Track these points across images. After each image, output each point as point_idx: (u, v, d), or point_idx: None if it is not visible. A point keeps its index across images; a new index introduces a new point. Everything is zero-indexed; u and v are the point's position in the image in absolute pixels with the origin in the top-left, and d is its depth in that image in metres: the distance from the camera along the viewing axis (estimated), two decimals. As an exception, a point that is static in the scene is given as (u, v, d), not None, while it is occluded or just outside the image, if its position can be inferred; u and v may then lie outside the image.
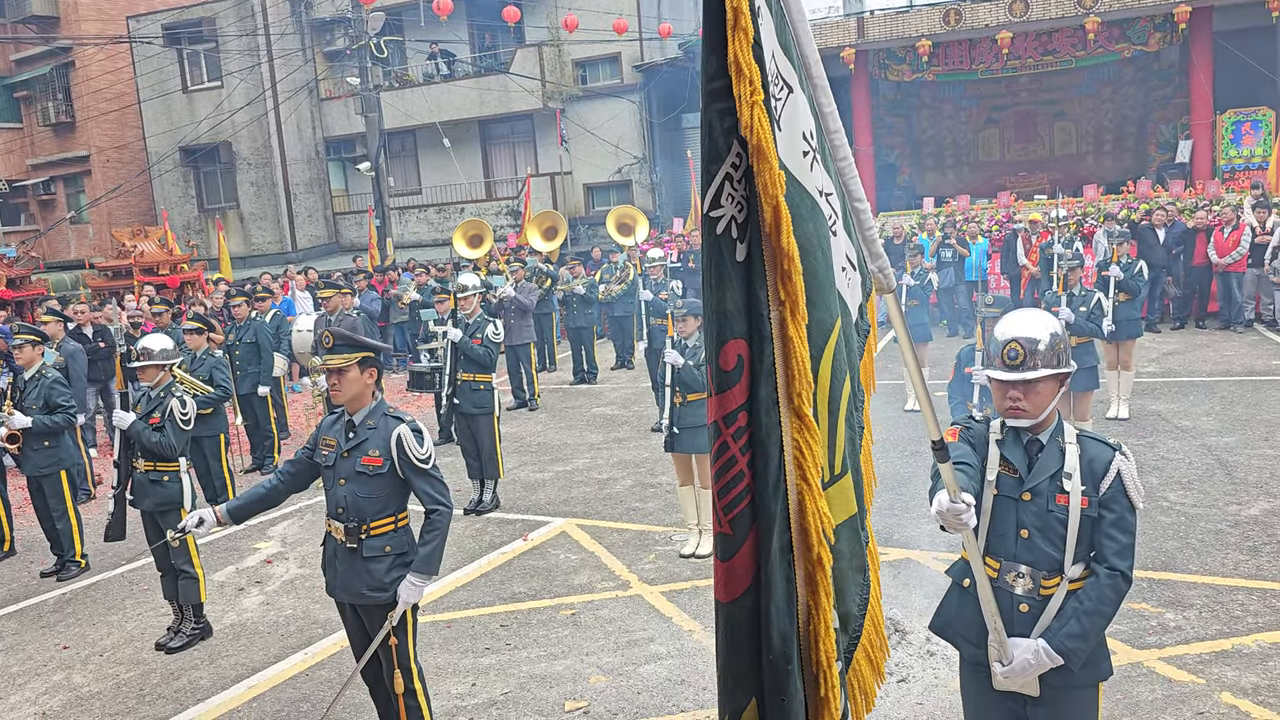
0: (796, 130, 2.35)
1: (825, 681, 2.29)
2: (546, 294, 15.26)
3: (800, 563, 2.26)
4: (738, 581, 2.26)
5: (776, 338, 2.19)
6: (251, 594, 7.27)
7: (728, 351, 2.19)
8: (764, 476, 2.19)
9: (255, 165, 27.05)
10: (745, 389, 2.20)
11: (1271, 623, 5.45)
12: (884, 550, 6.95)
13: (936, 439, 2.63)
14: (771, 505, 2.20)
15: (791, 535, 2.24)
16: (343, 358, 4.36)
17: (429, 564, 4.37)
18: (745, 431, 2.20)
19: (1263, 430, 9.21)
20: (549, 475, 9.78)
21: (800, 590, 2.27)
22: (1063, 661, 2.94)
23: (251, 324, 10.97)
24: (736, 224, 2.19)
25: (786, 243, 2.14)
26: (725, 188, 2.17)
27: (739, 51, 2.03)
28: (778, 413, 2.20)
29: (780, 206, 2.12)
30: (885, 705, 4.87)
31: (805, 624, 2.29)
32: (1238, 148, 17.83)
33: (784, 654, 2.22)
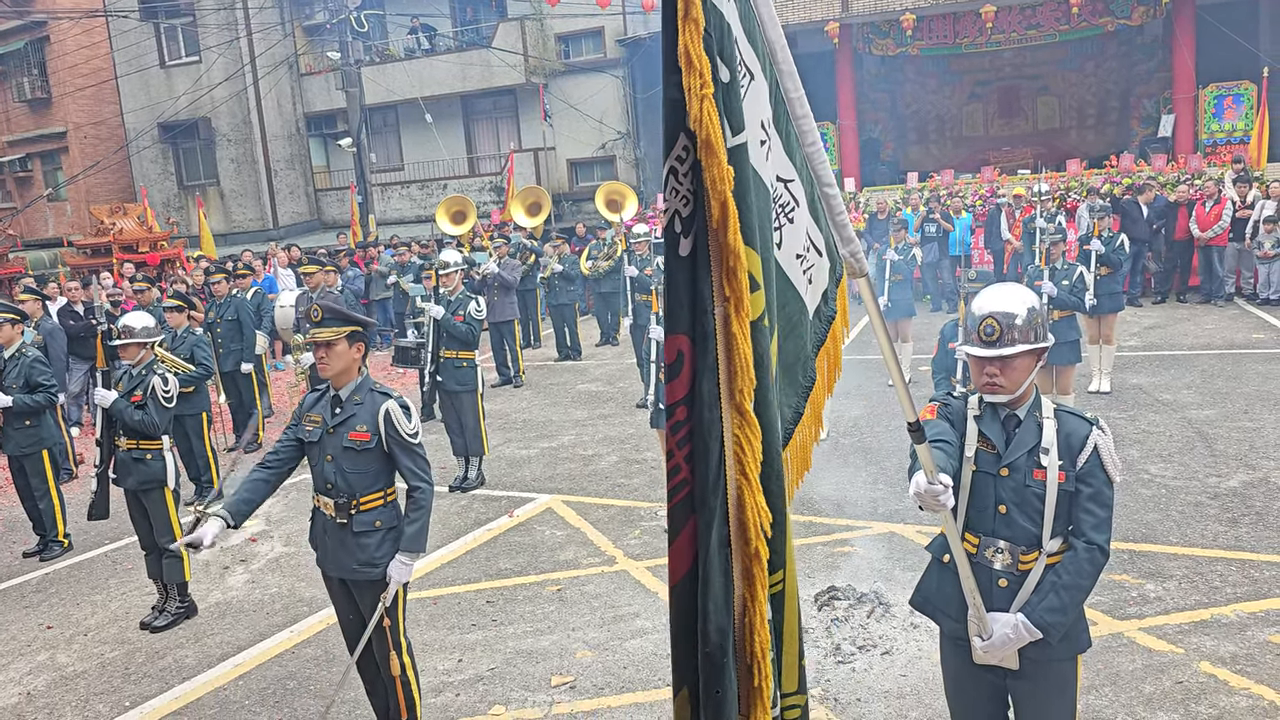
0: (755, 119, 2.33)
1: (759, 672, 2.30)
2: (530, 270, 15.21)
3: (738, 557, 2.27)
4: (676, 567, 2.28)
5: (720, 334, 2.18)
6: (237, 572, 7.27)
7: (671, 345, 2.19)
8: (703, 472, 2.19)
9: (235, 141, 26.78)
10: (686, 384, 2.20)
11: (1249, 593, 5.52)
12: (868, 524, 7.00)
13: (912, 420, 2.64)
14: (711, 500, 2.20)
15: (730, 529, 2.25)
16: (331, 331, 4.33)
17: (416, 542, 4.38)
18: (684, 425, 2.20)
19: (1242, 403, 9.29)
20: (534, 452, 9.79)
21: (737, 583, 2.28)
22: (1041, 635, 2.97)
23: (232, 301, 10.89)
24: (680, 218, 2.17)
25: (733, 239, 2.12)
26: (670, 181, 2.15)
27: (689, 43, 2.00)
28: (719, 409, 2.20)
29: (728, 202, 2.10)
30: (870, 678, 4.92)
31: (740, 616, 2.30)
32: (1219, 122, 17.86)
33: (720, 647, 2.23)
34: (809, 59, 20.21)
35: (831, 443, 9.01)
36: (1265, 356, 11.16)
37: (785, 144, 2.52)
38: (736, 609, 2.30)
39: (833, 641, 5.30)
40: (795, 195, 2.58)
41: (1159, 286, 15.65)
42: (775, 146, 2.47)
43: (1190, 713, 4.40)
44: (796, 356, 2.72)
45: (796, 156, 2.56)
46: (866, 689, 4.83)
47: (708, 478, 2.19)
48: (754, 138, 2.32)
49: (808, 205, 2.65)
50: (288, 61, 26.41)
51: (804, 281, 2.70)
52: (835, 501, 7.54)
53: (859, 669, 5.02)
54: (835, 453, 8.71)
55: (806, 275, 2.71)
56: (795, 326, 2.69)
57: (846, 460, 8.48)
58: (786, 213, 2.55)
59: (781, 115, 2.47)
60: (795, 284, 2.64)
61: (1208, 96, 17.88)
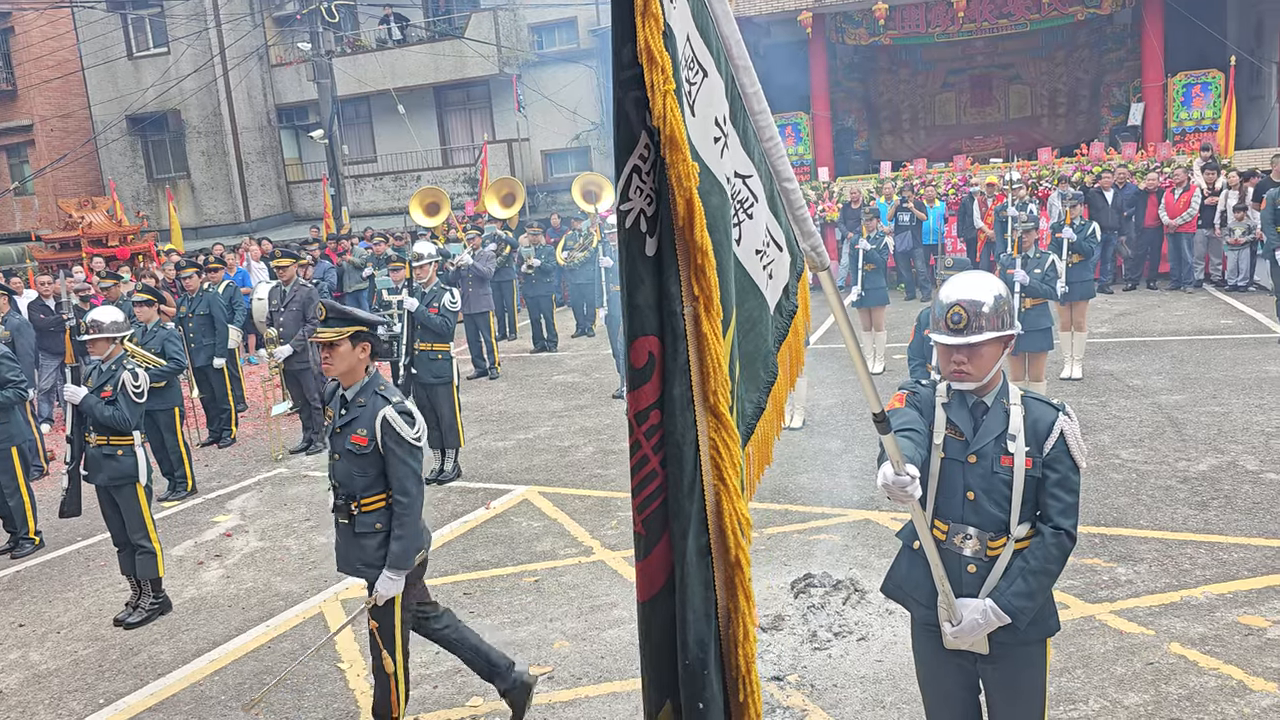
0: (709, 116, 2.30)
1: (744, 687, 2.28)
2: (505, 262, 15.16)
3: (719, 565, 2.23)
4: (653, 582, 2.24)
5: (691, 334, 2.15)
6: (211, 568, 7.22)
7: (639, 348, 2.15)
8: (678, 477, 2.15)
9: (205, 134, 26.50)
10: (658, 386, 2.16)
11: (1218, 575, 5.60)
12: (844, 512, 7.05)
13: (877, 411, 2.65)
14: (686, 506, 2.16)
15: (709, 537, 2.22)
16: (334, 331, 4.30)
17: (401, 560, 4.30)
18: (658, 430, 2.17)
19: (1210, 388, 9.40)
20: (510, 444, 9.77)
21: (720, 594, 2.25)
22: (1010, 620, 2.98)
23: (204, 295, 10.80)
24: (646, 217, 2.13)
25: (700, 237, 2.09)
26: (634, 180, 2.12)
27: (649, 39, 1.97)
28: (693, 412, 2.16)
29: (694, 200, 2.07)
30: (846, 663, 4.96)
31: (725, 628, 2.28)
32: (1188, 110, 18.02)
33: (700, 659, 2.19)
34: (782, 49, 20.27)
35: (807, 431, 9.06)
36: (1233, 342, 11.30)
37: (743, 140, 2.50)
38: (721, 620, 2.27)
39: (809, 628, 5.34)
40: (754, 191, 2.56)
41: (1129, 274, 15.81)
42: (733, 143, 2.44)
43: (1160, 693, 4.47)
44: (758, 351, 2.70)
45: (755, 152, 2.54)
46: (843, 674, 4.86)
47: (682, 483, 2.16)
48: (708, 135, 2.30)
49: (767, 201, 2.63)
50: (258, 52, 26.16)
51: (764, 277, 2.69)
52: (811, 489, 7.58)
53: (835, 655, 5.06)
54: (811, 441, 8.75)
55: (766, 271, 2.69)
56: (756, 323, 2.67)
57: (822, 447, 8.52)
58: (745, 209, 2.53)
59: (738, 111, 2.45)
60: (755, 280, 2.63)
61: (1176, 85, 18.03)
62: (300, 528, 7.89)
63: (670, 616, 2.22)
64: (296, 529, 7.87)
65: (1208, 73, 17.78)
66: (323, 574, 6.85)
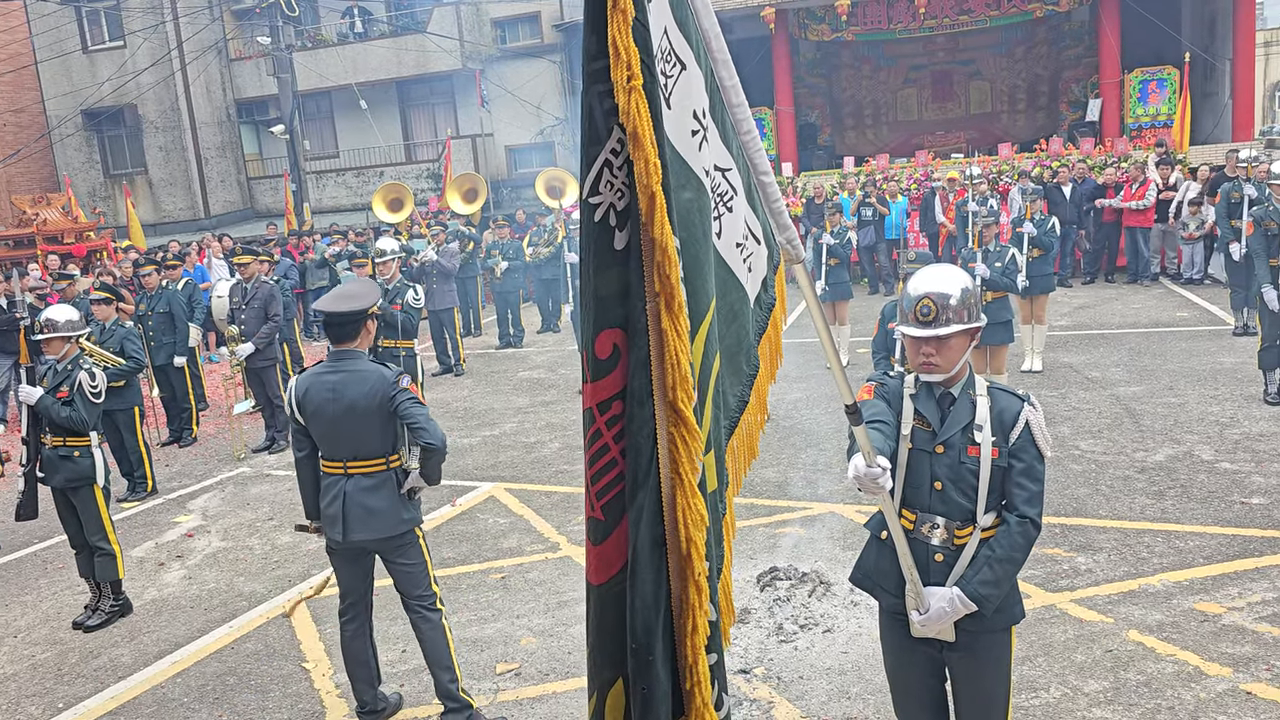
0: (687, 109, 2.31)
1: (691, 676, 2.31)
2: (469, 258, 15.09)
3: (672, 556, 2.26)
4: (609, 565, 2.26)
5: (651, 330, 2.17)
6: (172, 569, 7.13)
7: (603, 340, 2.17)
8: (634, 468, 2.18)
9: (163, 129, 26.11)
10: (621, 378, 2.18)
11: (1175, 563, 5.70)
12: (809, 505, 7.09)
13: (849, 403, 2.67)
14: (641, 497, 2.18)
15: (664, 529, 2.24)
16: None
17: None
18: (620, 420, 2.19)
19: (1167, 380, 9.56)
20: (476, 440, 9.73)
21: (673, 583, 2.28)
22: (976, 608, 3.02)
23: (164, 293, 10.65)
24: (615, 211, 2.14)
25: (660, 234, 2.09)
26: (604, 174, 2.12)
27: (617, 34, 1.97)
28: (651, 405, 2.18)
29: (656, 195, 2.07)
30: (812, 655, 4.99)
31: (677, 616, 2.30)
32: (1144, 106, 18.30)
33: (646, 645, 2.22)
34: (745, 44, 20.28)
35: (772, 425, 9.10)
36: (1189, 334, 11.50)
37: (721, 133, 2.51)
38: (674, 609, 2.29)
39: (775, 621, 5.37)
40: (733, 184, 2.57)
41: (1088, 267, 16.02)
42: (712, 136, 2.45)
43: (1119, 680, 4.54)
44: (739, 345, 2.72)
45: (733, 145, 2.56)
46: (809, 666, 4.90)
47: (636, 473, 2.18)
48: (685, 128, 2.30)
49: (745, 194, 2.65)
50: (216, 46, 25.80)
51: (744, 270, 2.70)
52: (776, 483, 7.62)
53: (801, 647, 5.09)
54: (775, 435, 8.79)
55: (746, 264, 2.71)
56: (737, 315, 2.69)
57: (787, 442, 8.57)
58: (725, 202, 2.55)
59: (717, 104, 2.46)
60: (736, 273, 2.64)
61: (1133, 81, 18.30)
62: (263, 527, 7.81)
63: (625, 599, 2.25)
64: (259, 528, 7.79)
65: (1163, 69, 18.06)
66: (286, 573, 6.79)
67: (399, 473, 4.58)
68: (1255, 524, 6.16)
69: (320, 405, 4.42)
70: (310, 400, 4.43)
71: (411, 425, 4.40)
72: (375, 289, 4.68)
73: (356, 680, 4.69)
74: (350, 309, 4.45)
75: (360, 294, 4.56)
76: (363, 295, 4.55)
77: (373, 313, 4.56)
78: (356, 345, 4.52)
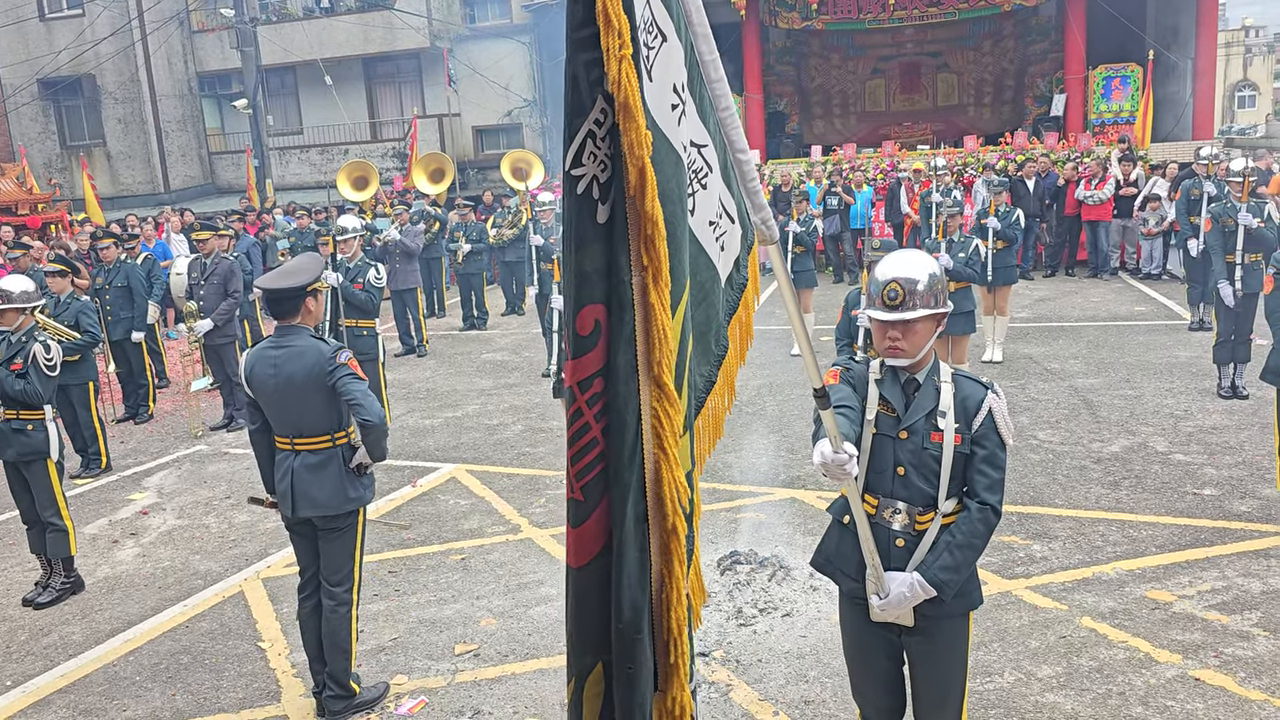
0: (667, 82, 2.28)
1: (675, 649, 2.30)
2: (435, 238, 14.96)
3: (655, 531, 2.25)
4: (587, 548, 2.25)
5: (638, 304, 2.15)
6: (126, 546, 7.02)
7: (585, 316, 2.14)
8: (619, 445, 2.16)
9: (122, 100, 25.59)
10: (602, 355, 2.16)
11: (1128, 551, 5.79)
12: (770, 490, 7.12)
13: (818, 387, 2.67)
14: (626, 475, 2.17)
15: (647, 505, 2.24)
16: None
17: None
18: (601, 398, 2.17)
19: (1124, 372, 9.70)
20: (438, 421, 9.67)
21: (655, 559, 2.27)
22: (936, 593, 3.04)
23: (122, 267, 10.45)
24: (599, 184, 2.12)
25: (651, 207, 2.08)
26: (588, 145, 2.09)
27: (608, 1, 1.95)
28: (636, 381, 2.16)
29: (646, 168, 2.05)
30: (771, 639, 5.02)
31: (658, 591, 2.30)
32: (1108, 102, 18.50)
33: (634, 623, 2.22)
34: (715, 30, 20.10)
35: (734, 410, 9.12)
36: (1146, 328, 11.68)
37: (699, 108, 2.48)
38: (654, 584, 2.29)
39: (734, 605, 5.39)
40: (709, 161, 2.55)
41: (1049, 261, 16.21)
42: (690, 111, 2.43)
43: (1072, 665, 4.61)
44: (709, 324, 2.69)
45: (710, 121, 2.53)
46: (767, 650, 4.93)
47: (623, 452, 2.16)
48: (665, 101, 2.28)
49: (720, 171, 2.63)
50: (178, 17, 25.33)
51: (716, 248, 2.69)
52: (738, 468, 7.65)
53: (760, 631, 5.12)
54: (738, 420, 8.82)
55: (719, 242, 2.69)
56: (707, 294, 2.66)
57: (749, 427, 8.60)
58: (700, 179, 2.52)
59: (696, 79, 2.44)
60: (708, 251, 2.63)
61: (1097, 77, 18.50)
62: (220, 505, 7.71)
63: (606, 581, 2.23)
64: (216, 507, 7.69)
65: (1127, 66, 18.27)
66: (244, 552, 6.71)
67: (345, 449, 4.53)
68: (1206, 514, 6.27)
69: (263, 381, 4.40)
70: (255, 376, 4.42)
71: (349, 401, 4.37)
72: (318, 265, 4.60)
73: (314, 659, 4.65)
74: (290, 285, 4.40)
75: (301, 270, 4.50)
76: (303, 271, 4.49)
77: (314, 289, 4.49)
78: (299, 321, 4.49)
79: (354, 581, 4.66)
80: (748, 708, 4.44)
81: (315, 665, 4.66)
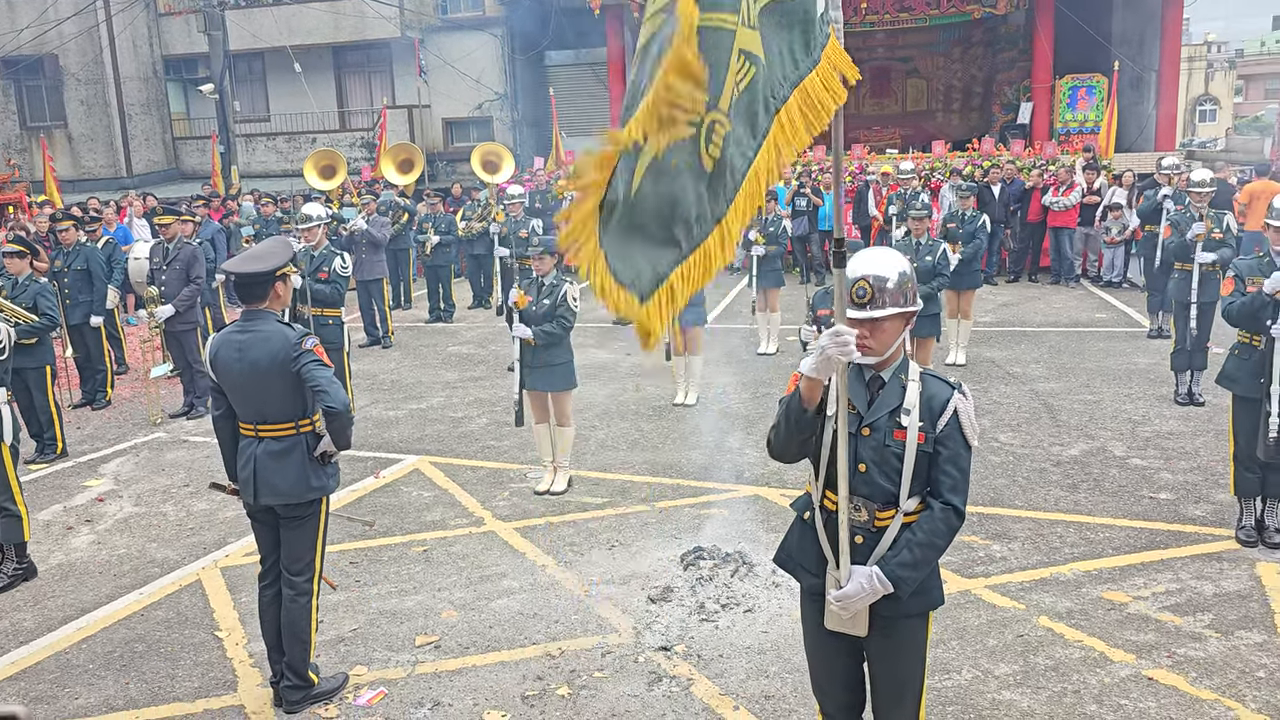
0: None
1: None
2: (402, 229, 14.86)
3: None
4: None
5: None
6: (81, 533, 6.91)
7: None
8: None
9: (85, 82, 25.15)
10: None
11: (1085, 553, 5.87)
12: (734, 487, 7.14)
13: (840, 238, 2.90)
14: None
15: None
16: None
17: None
18: None
19: (1084, 378, 9.84)
20: (402, 413, 9.61)
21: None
22: (893, 589, 3.04)
23: (82, 250, 10.28)
24: None
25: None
26: None
27: None
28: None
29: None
30: (733, 634, 5.04)
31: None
32: (1073, 112, 18.74)
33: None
34: (689, 28, 20.20)
35: (701, 408, 9.14)
36: (1106, 335, 11.85)
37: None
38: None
39: (697, 600, 5.40)
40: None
41: (1013, 266, 16.39)
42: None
43: (1029, 664, 4.67)
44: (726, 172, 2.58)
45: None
46: (729, 645, 4.94)
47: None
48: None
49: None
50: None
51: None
52: (703, 465, 7.66)
53: (722, 626, 5.13)
54: (704, 418, 8.84)
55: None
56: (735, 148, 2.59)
57: (714, 424, 8.62)
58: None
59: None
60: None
61: (1063, 87, 18.72)
62: (179, 493, 7.61)
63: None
64: (174, 494, 7.59)
65: (1093, 76, 18.51)
66: (202, 540, 6.63)
67: (310, 437, 4.49)
68: (1162, 518, 6.37)
69: (228, 365, 4.35)
70: (220, 360, 4.37)
71: (313, 387, 4.31)
72: (287, 250, 4.55)
73: (273, 648, 4.61)
74: (258, 269, 4.35)
75: (270, 254, 4.45)
76: (272, 256, 4.44)
77: (283, 273, 4.45)
78: (266, 306, 4.43)
79: (315, 571, 4.61)
80: (709, 702, 4.46)
81: (273, 655, 4.61)
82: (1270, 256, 5.88)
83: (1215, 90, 49.46)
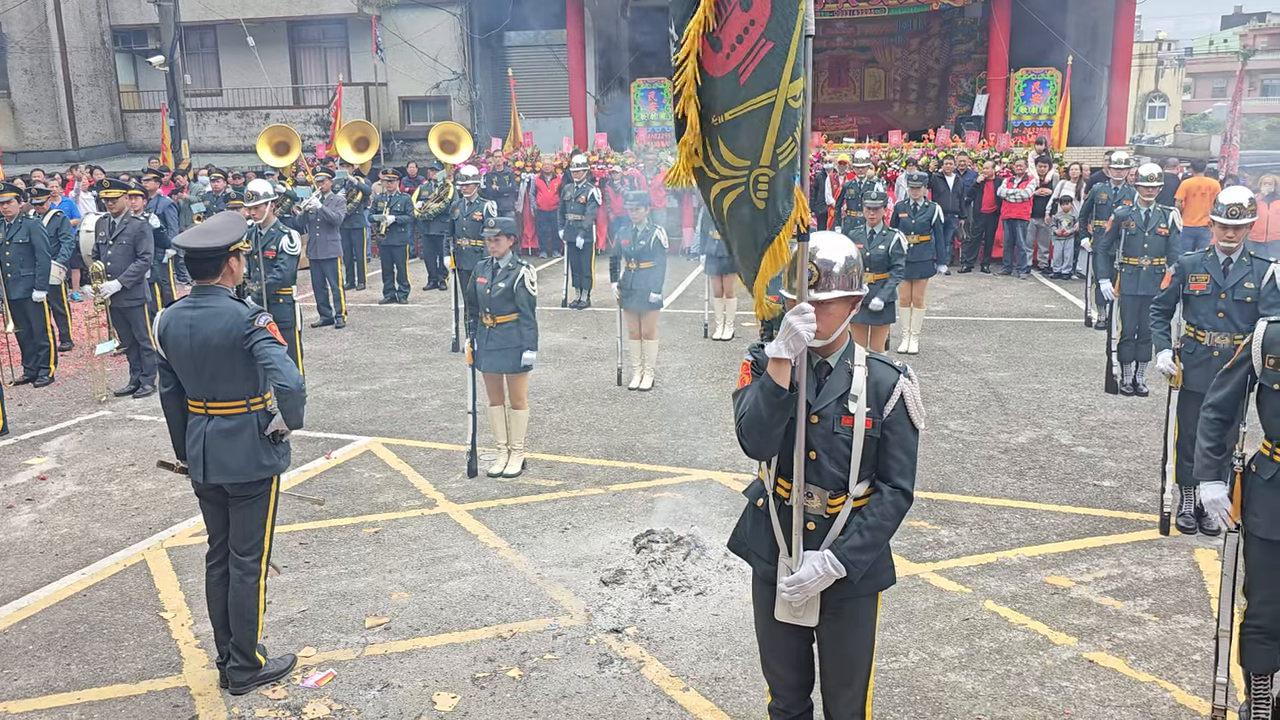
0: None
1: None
2: (358, 208, 14.67)
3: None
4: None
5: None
6: (22, 512, 6.77)
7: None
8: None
9: (29, 50, 24.48)
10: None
11: (1031, 538, 5.98)
12: (688, 471, 7.17)
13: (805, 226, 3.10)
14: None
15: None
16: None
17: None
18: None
19: (1033, 367, 10.00)
20: (355, 394, 9.51)
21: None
22: (845, 573, 3.07)
23: (24, 223, 10.02)
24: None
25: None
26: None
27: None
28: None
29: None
30: (684, 617, 5.06)
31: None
32: (1027, 105, 18.98)
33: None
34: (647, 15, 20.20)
35: (656, 392, 9.16)
36: (1055, 325, 12.04)
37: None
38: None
39: (649, 583, 5.42)
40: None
41: (965, 256, 16.59)
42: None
43: (974, 646, 4.75)
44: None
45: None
46: (680, 628, 4.97)
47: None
48: None
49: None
50: (92, -33, 24.31)
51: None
52: (657, 449, 7.68)
53: (674, 608, 5.16)
54: (659, 402, 8.86)
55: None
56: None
57: (668, 409, 8.64)
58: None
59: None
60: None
61: (1018, 80, 18.95)
62: (124, 473, 7.48)
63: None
64: (119, 474, 7.45)
65: (1047, 70, 18.76)
66: (147, 520, 6.52)
67: (261, 415, 4.42)
68: (1105, 505, 6.51)
69: (177, 341, 4.27)
70: (169, 336, 4.28)
71: (265, 365, 4.25)
72: (240, 225, 4.47)
73: (219, 629, 4.55)
74: (211, 244, 4.27)
75: (223, 229, 4.38)
76: (225, 231, 4.36)
77: (237, 249, 4.37)
78: (218, 282, 4.35)
79: (264, 551, 4.56)
80: (659, 684, 4.48)
81: (220, 635, 4.55)
82: (1214, 251, 6.00)
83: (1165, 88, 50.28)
